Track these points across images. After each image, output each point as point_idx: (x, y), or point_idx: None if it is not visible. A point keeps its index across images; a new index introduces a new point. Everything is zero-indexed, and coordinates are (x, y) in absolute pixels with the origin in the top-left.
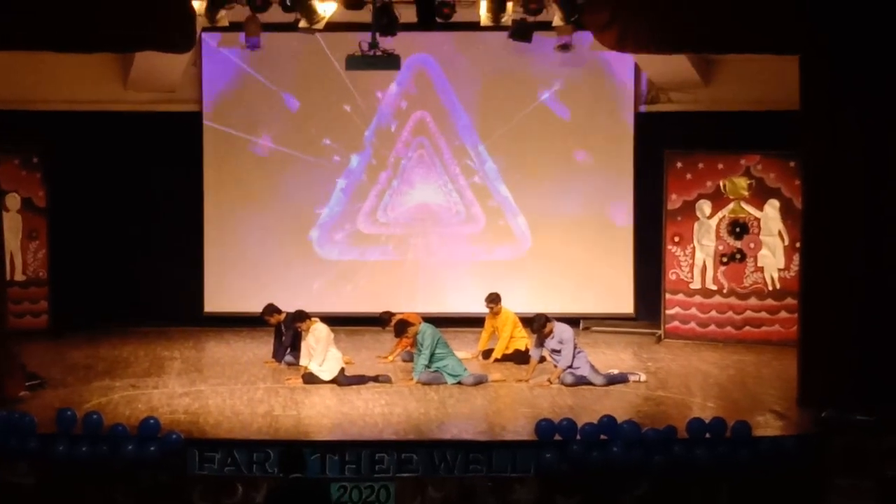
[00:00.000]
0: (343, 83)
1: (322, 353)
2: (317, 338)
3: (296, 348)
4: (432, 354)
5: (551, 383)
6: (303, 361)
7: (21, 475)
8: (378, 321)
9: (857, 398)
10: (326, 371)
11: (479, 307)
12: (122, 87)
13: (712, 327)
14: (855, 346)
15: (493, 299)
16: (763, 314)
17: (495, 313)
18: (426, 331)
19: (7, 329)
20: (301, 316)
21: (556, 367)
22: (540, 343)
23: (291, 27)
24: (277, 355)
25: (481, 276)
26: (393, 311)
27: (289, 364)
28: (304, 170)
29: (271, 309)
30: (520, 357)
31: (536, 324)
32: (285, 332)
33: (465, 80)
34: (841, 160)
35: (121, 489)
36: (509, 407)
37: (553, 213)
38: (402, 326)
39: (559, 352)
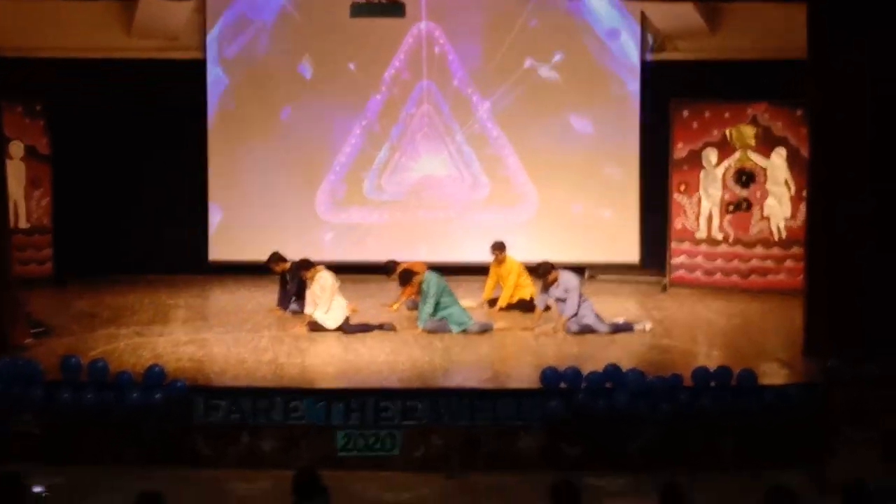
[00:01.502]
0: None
1: (327, 301)
2: (322, 286)
3: (301, 297)
4: (437, 303)
5: (556, 332)
6: (307, 310)
7: (27, 424)
8: (383, 269)
9: (862, 348)
10: (331, 319)
11: (483, 256)
12: (126, 34)
13: (718, 276)
14: (861, 296)
15: (498, 247)
16: (769, 263)
17: (500, 262)
18: (431, 279)
19: (12, 277)
20: (306, 264)
21: (561, 315)
22: (545, 291)
23: None
24: (282, 303)
25: (487, 227)
26: (397, 259)
27: (294, 312)
28: (312, 121)
29: (276, 257)
30: (525, 305)
31: (541, 270)
32: (290, 280)
33: (467, 37)
34: (848, 108)
35: (126, 437)
36: (514, 355)
37: (559, 162)
38: (407, 275)
39: (564, 300)
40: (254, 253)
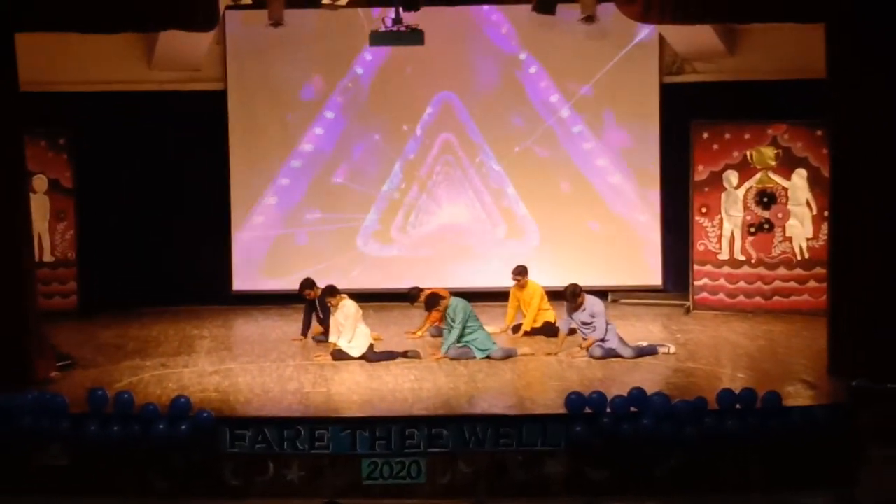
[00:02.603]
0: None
1: (350, 329)
2: (345, 314)
3: (326, 324)
4: (463, 328)
5: (582, 348)
6: (332, 338)
7: (55, 457)
8: (407, 297)
9: (887, 367)
10: (355, 347)
11: (505, 281)
12: (147, 66)
13: (741, 298)
14: (885, 315)
15: (521, 272)
16: (792, 284)
17: (521, 286)
18: (457, 305)
19: (37, 310)
20: (331, 291)
21: (585, 339)
22: (571, 314)
23: (315, 3)
24: (305, 331)
25: (508, 254)
26: (420, 286)
27: (318, 341)
28: (337, 156)
29: (309, 283)
30: (549, 330)
31: (569, 293)
32: (321, 307)
33: (484, 60)
34: (868, 128)
35: (153, 469)
36: (539, 380)
37: (580, 186)
38: (433, 300)
39: (589, 324)
40: (277, 283)
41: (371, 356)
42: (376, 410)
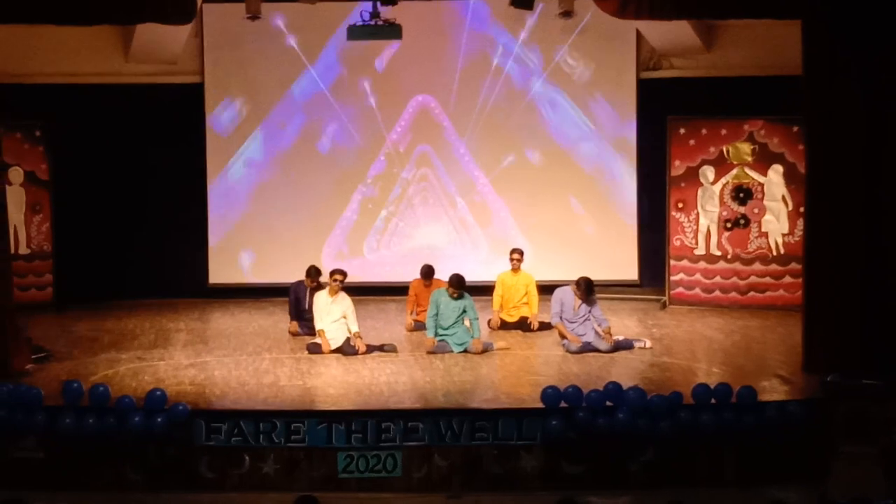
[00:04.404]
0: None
1: (354, 318)
2: (349, 303)
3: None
4: (436, 317)
5: (608, 334)
6: (318, 325)
7: (30, 450)
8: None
9: (861, 363)
10: (331, 340)
11: (488, 276)
12: (124, 59)
13: (717, 293)
14: (859, 311)
15: (523, 253)
16: (767, 279)
17: (515, 270)
18: (436, 297)
19: (12, 303)
20: (341, 271)
21: (601, 325)
22: (591, 306)
23: None
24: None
25: (487, 249)
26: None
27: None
28: (316, 152)
29: (317, 271)
30: (524, 324)
31: (589, 286)
32: (309, 296)
33: (455, 56)
34: (843, 124)
35: (128, 462)
36: (514, 374)
37: (556, 180)
38: (429, 272)
39: (595, 316)
40: (253, 276)
41: (347, 349)
42: (352, 404)
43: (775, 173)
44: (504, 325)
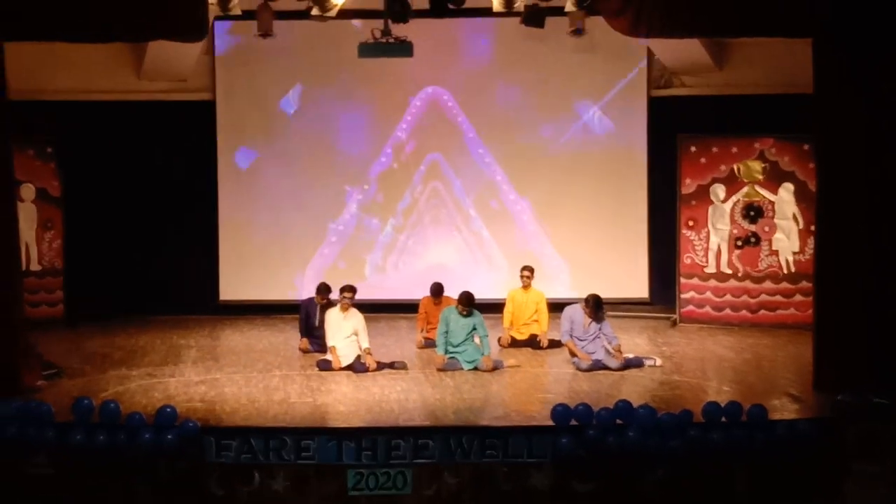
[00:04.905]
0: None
1: (365, 334)
2: (360, 318)
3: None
4: (447, 334)
5: (616, 355)
6: (330, 342)
7: (40, 466)
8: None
9: (873, 381)
10: (342, 358)
11: (499, 293)
12: (136, 76)
13: (727, 311)
14: (870, 329)
15: (533, 270)
16: (778, 298)
17: (526, 287)
18: (446, 315)
19: (23, 319)
20: (352, 288)
21: (611, 343)
22: (599, 322)
23: (304, 15)
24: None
25: (498, 266)
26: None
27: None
28: (325, 168)
29: (328, 288)
30: (534, 342)
31: (598, 303)
32: (320, 313)
33: (472, 68)
34: (854, 143)
35: (138, 478)
36: (525, 392)
37: (566, 199)
38: (438, 290)
39: (605, 334)
40: (264, 293)
41: (358, 367)
42: (363, 421)
43: (786, 191)
44: (514, 343)
